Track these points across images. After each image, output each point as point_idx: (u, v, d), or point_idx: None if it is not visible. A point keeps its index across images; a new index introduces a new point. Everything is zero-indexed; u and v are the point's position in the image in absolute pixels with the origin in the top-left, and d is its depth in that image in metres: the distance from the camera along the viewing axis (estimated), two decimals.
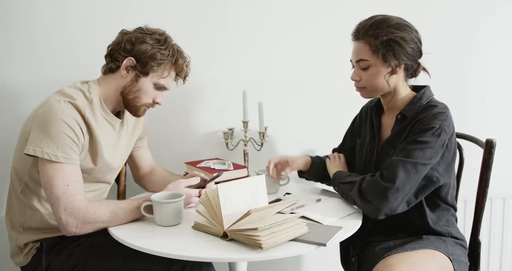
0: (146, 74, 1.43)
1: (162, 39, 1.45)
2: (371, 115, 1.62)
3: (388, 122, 1.57)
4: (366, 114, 1.68)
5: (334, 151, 1.79)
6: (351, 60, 1.51)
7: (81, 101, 1.38)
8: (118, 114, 1.53)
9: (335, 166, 1.63)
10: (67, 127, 1.31)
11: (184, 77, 1.55)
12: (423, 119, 1.41)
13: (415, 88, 1.55)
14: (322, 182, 1.73)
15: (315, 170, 1.67)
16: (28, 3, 1.74)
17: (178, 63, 1.48)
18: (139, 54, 1.42)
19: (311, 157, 1.70)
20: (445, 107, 1.45)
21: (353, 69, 1.52)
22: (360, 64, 1.46)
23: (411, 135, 1.41)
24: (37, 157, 1.30)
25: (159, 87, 1.48)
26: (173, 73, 1.50)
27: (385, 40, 1.40)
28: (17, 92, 1.78)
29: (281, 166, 1.65)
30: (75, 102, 1.35)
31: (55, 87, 1.46)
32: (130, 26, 1.49)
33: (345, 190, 1.48)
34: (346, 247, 1.57)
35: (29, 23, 1.75)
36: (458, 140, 1.68)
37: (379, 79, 1.46)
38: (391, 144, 1.49)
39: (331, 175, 1.59)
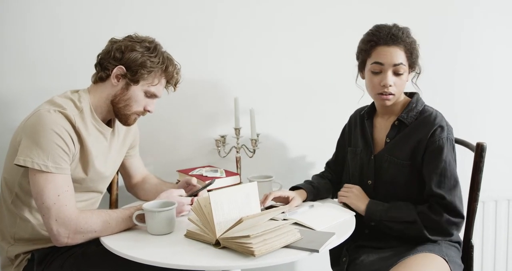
0: (136, 82, 1.43)
1: (151, 47, 1.45)
2: (362, 122, 1.64)
3: (381, 127, 1.59)
4: (355, 122, 1.70)
5: (328, 164, 1.80)
6: (379, 63, 1.47)
7: (72, 110, 1.38)
8: (109, 123, 1.53)
9: (358, 199, 1.54)
10: (58, 137, 1.31)
11: (175, 85, 1.55)
12: (430, 134, 1.45)
13: (404, 94, 1.59)
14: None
15: (310, 198, 1.63)
16: (19, 11, 1.73)
17: (168, 70, 1.48)
18: (129, 63, 1.41)
19: (304, 188, 1.63)
20: (441, 116, 1.51)
21: (374, 74, 1.49)
22: (398, 69, 1.47)
23: (428, 155, 1.45)
24: (28, 167, 1.29)
25: (150, 95, 1.48)
26: (163, 81, 1.50)
27: (414, 47, 1.49)
28: (7, 101, 1.77)
29: (280, 200, 1.58)
30: (65, 112, 1.35)
31: (46, 96, 1.45)
32: (121, 34, 1.49)
33: (401, 229, 1.45)
34: (339, 246, 1.51)
35: (20, 32, 1.74)
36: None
37: (404, 85, 1.52)
38: (390, 152, 1.52)
39: (360, 211, 1.51)
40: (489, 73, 2.23)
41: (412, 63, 1.50)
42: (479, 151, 1.53)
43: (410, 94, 1.59)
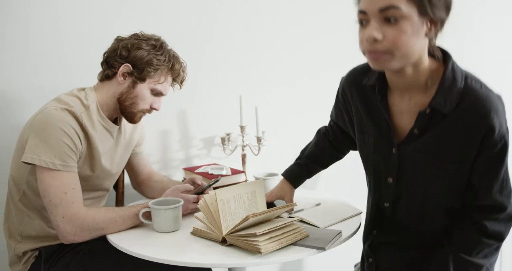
0: (143, 80, 1.44)
1: (158, 45, 1.45)
2: (368, 98, 1.21)
3: (401, 111, 1.16)
4: (355, 94, 1.26)
5: (331, 125, 1.50)
6: (362, 12, 1.03)
7: (78, 108, 1.38)
8: (116, 121, 1.53)
9: None
10: (65, 135, 1.31)
11: (181, 82, 1.55)
12: (487, 130, 1.06)
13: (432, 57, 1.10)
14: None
15: (300, 182, 1.54)
16: (22, 10, 1.73)
17: (174, 68, 1.48)
18: (136, 61, 1.42)
19: (290, 182, 1.52)
20: (493, 93, 1.09)
21: (363, 26, 1.05)
22: (388, 14, 0.98)
23: (485, 157, 1.09)
24: (35, 165, 1.29)
25: (156, 93, 1.48)
26: (169, 79, 1.50)
27: None
28: (13, 100, 1.78)
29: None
30: (72, 110, 1.35)
31: (52, 94, 1.46)
32: (125, 33, 1.49)
33: None
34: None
35: (24, 31, 1.75)
36: None
37: (413, 40, 1.00)
38: (420, 150, 1.14)
39: None
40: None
41: (423, 7, 0.98)
42: None
43: (441, 57, 1.10)
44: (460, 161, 1.11)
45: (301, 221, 1.37)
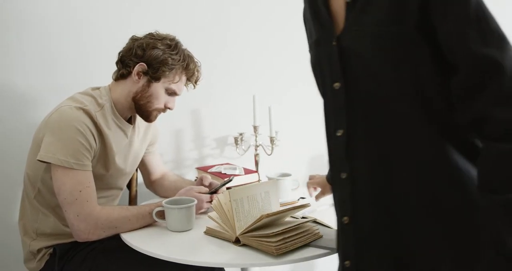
0: (158, 79, 1.44)
1: (173, 45, 1.45)
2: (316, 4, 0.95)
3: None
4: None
5: None
6: None
7: (93, 107, 1.39)
8: (130, 120, 1.54)
9: None
10: (80, 134, 1.32)
11: (195, 82, 1.55)
12: None
13: None
14: None
15: None
16: (37, 10, 1.75)
17: (189, 68, 1.48)
18: (151, 60, 1.42)
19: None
20: None
21: None
22: None
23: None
24: (50, 163, 1.30)
25: (171, 93, 1.48)
26: (184, 78, 1.51)
27: None
28: (29, 99, 1.79)
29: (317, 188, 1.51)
30: (87, 109, 1.36)
31: (67, 93, 1.47)
32: (141, 32, 1.49)
33: None
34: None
35: (40, 30, 1.76)
36: None
37: None
38: (357, 29, 0.85)
39: None
40: None
41: None
42: None
43: None
44: (399, 19, 0.79)
45: (315, 221, 1.36)
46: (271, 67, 2.00)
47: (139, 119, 1.54)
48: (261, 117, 1.90)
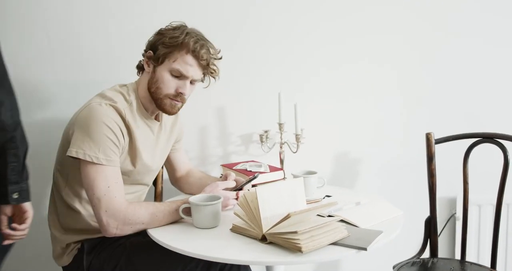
0: (161, 62, 1.42)
1: (177, 27, 1.44)
2: None
3: None
4: None
5: None
6: None
7: (122, 104, 1.40)
8: (157, 117, 1.55)
9: None
10: (109, 130, 1.33)
11: (207, 63, 1.44)
12: None
13: None
14: None
15: None
16: (65, 9, 1.78)
17: (188, 44, 1.40)
18: (155, 45, 1.43)
19: None
20: None
21: None
22: None
23: None
24: (79, 158, 1.32)
25: (177, 75, 1.42)
26: (188, 58, 1.42)
27: None
28: (59, 96, 1.83)
29: None
30: (116, 105, 1.38)
31: (96, 90, 1.49)
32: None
33: None
34: None
35: (68, 27, 1.79)
36: (503, 141, 1.63)
37: None
38: None
39: None
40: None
41: None
42: None
43: None
44: None
45: (341, 220, 1.34)
46: (297, 65, 1.99)
47: (165, 116, 1.55)
48: (286, 114, 1.89)
